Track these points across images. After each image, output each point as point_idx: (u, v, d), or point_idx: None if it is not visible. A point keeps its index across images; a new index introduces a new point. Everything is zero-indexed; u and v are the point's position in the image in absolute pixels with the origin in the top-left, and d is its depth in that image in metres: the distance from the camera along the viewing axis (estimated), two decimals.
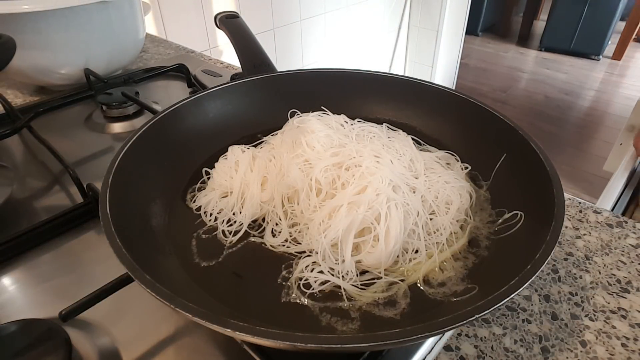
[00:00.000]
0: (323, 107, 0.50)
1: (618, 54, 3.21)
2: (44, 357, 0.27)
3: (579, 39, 3.16)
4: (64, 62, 0.65)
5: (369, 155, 0.39)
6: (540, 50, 3.41)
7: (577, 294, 0.37)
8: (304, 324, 0.30)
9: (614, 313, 0.35)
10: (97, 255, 0.40)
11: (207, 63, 0.83)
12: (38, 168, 0.53)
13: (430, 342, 0.32)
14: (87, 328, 0.33)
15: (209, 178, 0.43)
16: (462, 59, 2.52)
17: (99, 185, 0.34)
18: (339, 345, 0.22)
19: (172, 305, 0.23)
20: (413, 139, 0.47)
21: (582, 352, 0.33)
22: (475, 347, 0.33)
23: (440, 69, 2.27)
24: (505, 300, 0.24)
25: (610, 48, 3.23)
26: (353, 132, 0.46)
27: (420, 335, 0.23)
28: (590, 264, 0.40)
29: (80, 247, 0.41)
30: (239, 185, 0.41)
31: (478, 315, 0.23)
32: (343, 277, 0.33)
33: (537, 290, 0.37)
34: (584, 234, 0.43)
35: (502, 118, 0.42)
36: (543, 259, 0.27)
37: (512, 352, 0.33)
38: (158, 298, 0.24)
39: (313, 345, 0.22)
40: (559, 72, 3.09)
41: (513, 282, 0.25)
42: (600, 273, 0.39)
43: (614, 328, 0.34)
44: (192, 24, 1.20)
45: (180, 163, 0.44)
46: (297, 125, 0.45)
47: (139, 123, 0.61)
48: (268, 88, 0.52)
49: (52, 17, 0.59)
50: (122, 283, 0.32)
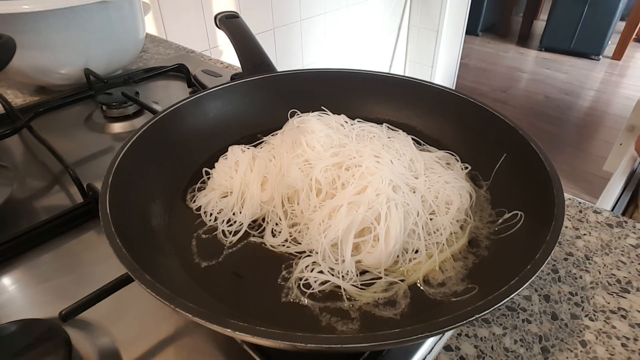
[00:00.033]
0: (323, 107, 0.50)
1: (618, 54, 3.21)
2: (44, 357, 0.27)
3: (579, 39, 3.16)
4: (64, 62, 0.65)
5: (369, 155, 0.39)
6: (540, 50, 3.41)
7: (577, 294, 0.37)
8: (304, 324, 0.30)
9: (614, 313, 0.35)
10: (97, 255, 0.40)
11: (207, 63, 0.83)
12: (38, 168, 0.53)
13: (430, 342, 0.32)
14: (87, 328, 0.33)
15: (209, 178, 0.43)
16: (462, 59, 2.52)
17: (99, 185, 0.34)
18: (339, 345, 0.22)
19: (172, 305, 0.23)
20: (413, 139, 0.47)
21: (582, 352, 0.33)
22: (475, 347, 0.33)
23: (440, 69, 2.27)
24: (505, 300, 0.24)
25: (610, 48, 3.23)
26: (353, 132, 0.46)
27: (420, 335, 0.23)
28: (590, 264, 0.40)
29: (80, 247, 0.41)
30: (239, 185, 0.41)
31: (478, 315, 0.23)
32: (343, 277, 0.33)
33: (537, 290, 0.37)
34: (584, 234, 0.43)
35: (502, 118, 0.42)
36: (543, 259, 0.27)
37: (512, 352, 0.33)
38: (158, 298, 0.24)
39: (313, 345, 0.22)
40: (559, 72, 3.09)
41: (513, 282, 0.25)
42: (600, 273, 0.39)
43: (614, 328, 0.34)
44: (192, 24, 1.20)
45: (180, 163, 0.44)
46: (297, 125, 0.45)
47: (139, 123, 0.61)
48: (268, 88, 0.52)
49: (52, 17, 0.59)
50: (122, 283, 0.32)
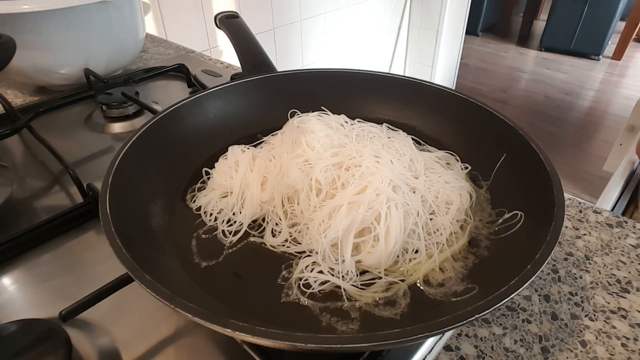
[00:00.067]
0: (323, 107, 0.50)
1: (618, 54, 3.21)
2: (44, 357, 0.27)
3: (579, 39, 3.16)
4: (64, 62, 0.65)
5: (369, 155, 0.39)
6: (540, 50, 3.41)
7: (577, 294, 0.37)
8: (304, 324, 0.30)
9: (614, 313, 0.35)
10: (97, 255, 0.40)
11: (207, 63, 0.83)
12: (38, 168, 0.53)
13: (430, 342, 0.32)
14: (87, 328, 0.33)
15: (209, 178, 0.43)
16: (462, 59, 2.52)
17: (99, 185, 0.34)
18: (339, 345, 0.22)
19: (172, 305, 0.23)
20: (413, 139, 0.47)
21: (582, 352, 0.33)
22: (475, 347, 0.33)
23: (440, 69, 2.27)
24: (505, 300, 0.24)
25: (610, 48, 3.23)
26: (353, 132, 0.46)
27: (420, 335, 0.23)
28: (590, 264, 0.40)
29: (80, 247, 0.41)
30: (239, 185, 0.41)
31: (478, 315, 0.23)
32: (343, 277, 0.33)
33: (537, 290, 0.37)
34: (584, 234, 0.43)
35: (502, 118, 0.42)
36: (543, 259, 0.27)
37: (512, 352, 0.33)
38: (158, 298, 0.24)
39: (313, 345, 0.22)
40: (559, 72, 3.09)
41: (513, 282, 0.25)
42: (600, 273, 0.39)
43: (614, 328, 0.34)
44: (192, 24, 1.20)
45: (180, 163, 0.44)
46: (297, 125, 0.45)
47: (139, 123, 0.61)
48: (268, 88, 0.52)
49: (52, 17, 0.59)
50: (122, 283, 0.32)
